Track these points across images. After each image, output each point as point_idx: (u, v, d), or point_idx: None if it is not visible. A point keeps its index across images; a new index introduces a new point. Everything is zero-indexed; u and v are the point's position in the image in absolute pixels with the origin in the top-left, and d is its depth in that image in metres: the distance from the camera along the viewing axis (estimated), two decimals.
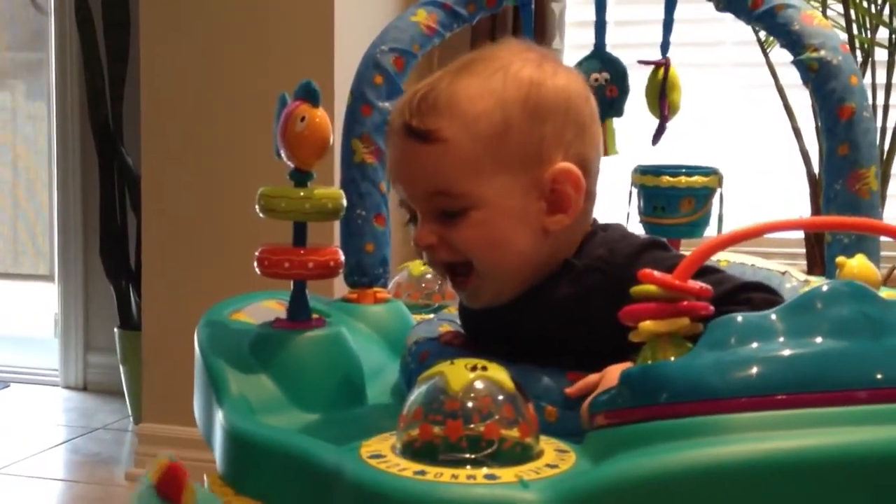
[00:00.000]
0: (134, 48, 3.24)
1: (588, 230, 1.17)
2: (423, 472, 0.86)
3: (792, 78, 1.53)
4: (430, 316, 1.39)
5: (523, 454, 0.89)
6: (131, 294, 3.47)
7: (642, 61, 1.65)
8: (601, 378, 1.02)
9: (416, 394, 0.91)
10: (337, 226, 1.53)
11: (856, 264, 1.13)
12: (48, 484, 2.89)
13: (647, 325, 0.90)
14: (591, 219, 1.19)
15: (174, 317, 2.81)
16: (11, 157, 4.17)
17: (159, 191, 2.91)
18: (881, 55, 2.69)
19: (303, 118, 1.18)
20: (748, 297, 1.05)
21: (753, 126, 3.16)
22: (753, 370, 0.84)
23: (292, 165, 1.21)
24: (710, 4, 1.54)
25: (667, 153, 1.69)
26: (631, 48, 1.95)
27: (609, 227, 1.19)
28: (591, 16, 1.67)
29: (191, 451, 1.68)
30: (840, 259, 1.15)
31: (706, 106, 3.09)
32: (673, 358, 0.89)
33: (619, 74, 1.64)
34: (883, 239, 1.19)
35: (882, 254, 1.47)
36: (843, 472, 0.81)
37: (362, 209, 1.51)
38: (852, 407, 0.83)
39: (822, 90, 1.46)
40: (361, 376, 1.21)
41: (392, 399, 1.21)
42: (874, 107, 2.53)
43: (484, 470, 0.86)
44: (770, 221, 0.95)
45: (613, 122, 1.65)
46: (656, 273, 0.91)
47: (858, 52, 2.64)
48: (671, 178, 1.60)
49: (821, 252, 1.53)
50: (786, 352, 0.86)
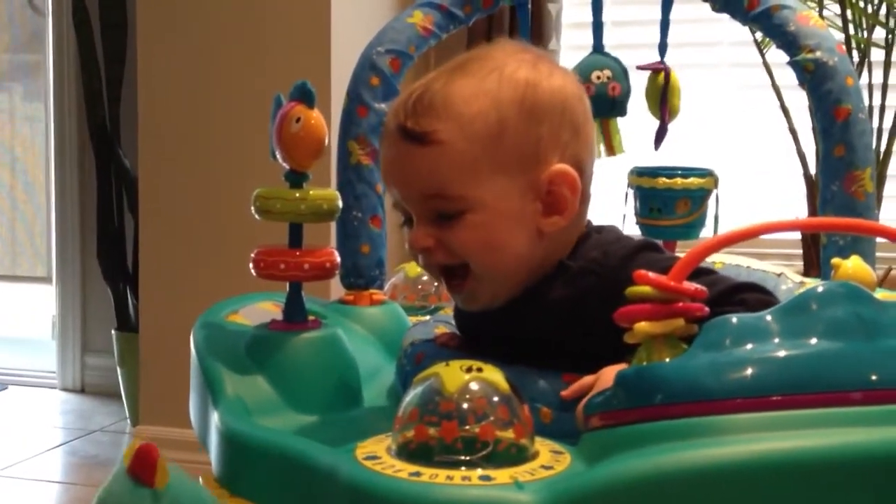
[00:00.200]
0: (131, 49, 3.24)
1: (583, 232, 1.17)
2: (419, 474, 0.86)
3: (788, 79, 1.53)
4: (426, 318, 1.39)
5: (518, 455, 0.88)
6: (129, 296, 3.46)
7: (641, 67, 1.65)
8: (596, 380, 1.02)
9: (412, 395, 0.91)
10: (333, 227, 1.53)
11: (851, 265, 1.13)
12: (46, 486, 2.89)
13: (642, 326, 0.90)
14: (586, 220, 1.19)
15: (171, 318, 2.81)
16: (9, 158, 4.17)
17: (156, 192, 2.91)
18: (878, 55, 2.69)
19: (298, 119, 1.18)
20: (742, 298, 1.05)
21: (750, 127, 3.16)
22: (748, 371, 0.84)
23: (288, 167, 1.21)
24: (707, 5, 1.54)
25: (663, 154, 1.69)
26: (628, 49, 1.95)
27: (603, 229, 1.19)
28: (587, 17, 1.67)
29: (188, 454, 1.68)
30: (835, 260, 1.15)
31: (703, 106, 3.09)
32: (668, 359, 0.89)
33: (621, 73, 1.64)
34: (879, 240, 1.19)
35: (878, 255, 1.47)
36: (838, 473, 0.81)
37: (358, 211, 1.51)
38: (847, 408, 0.83)
39: (818, 91, 1.46)
40: (357, 378, 1.21)
41: (388, 401, 1.21)
42: (870, 107, 2.53)
43: (479, 471, 0.86)
44: (765, 223, 0.95)
45: (617, 121, 1.66)
46: (651, 274, 0.91)
47: (855, 53, 2.64)
48: (667, 180, 1.60)
49: (817, 253, 1.53)
50: (781, 353, 0.86)
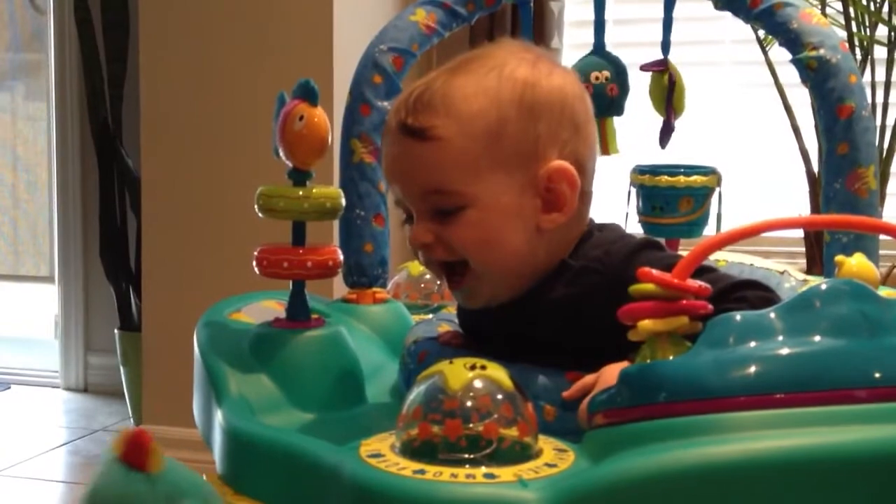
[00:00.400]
0: (133, 48, 3.24)
1: (584, 230, 1.17)
2: (423, 472, 0.86)
3: (791, 76, 1.53)
4: (429, 316, 1.39)
5: (522, 453, 0.89)
6: (131, 295, 3.46)
7: (644, 67, 1.64)
8: (597, 379, 1.02)
9: (416, 393, 0.91)
10: (336, 226, 1.53)
11: (855, 263, 1.12)
12: (49, 486, 2.89)
13: (645, 324, 0.90)
14: (588, 219, 1.19)
15: (174, 318, 2.81)
16: (11, 158, 4.17)
17: (159, 192, 2.91)
18: (880, 53, 2.69)
19: (301, 117, 1.18)
20: (744, 295, 1.05)
21: (753, 124, 3.16)
22: (752, 369, 0.84)
23: (291, 165, 1.21)
24: (709, 3, 1.54)
25: (666, 152, 1.69)
26: (630, 47, 1.95)
27: (605, 228, 1.19)
28: (589, 15, 1.67)
29: (192, 453, 1.68)
30: (839, 258, 1.14)
31: (705, 104, 3.09)
32: (672, 357, 0.89)
33: (620, 73, 1.64)
34: (883, 237, 1.19)
35: (882, 252, 1.47)
36: (842, 471, 0.81)
37: (361, 209, 1.51)
38: (851, 406, 0.83)
39: (820, 89, 1.45)
40: (360, 376, 1.21)
41: (391, 399, 1.21)
42: (873, 105, 2.53)
43: (483, 469, 0.86)
44: (768, 220, 0.95)
45: (614, 121, 1.66)
46: (655, 272, 0.91)
47: (858, 50, 2.64)
48: (670, 178, 1.60)
49: (820, 251, 1.53)
50: (784, 350, 0.86)
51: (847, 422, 0.82)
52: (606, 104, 1.62)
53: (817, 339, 0.87)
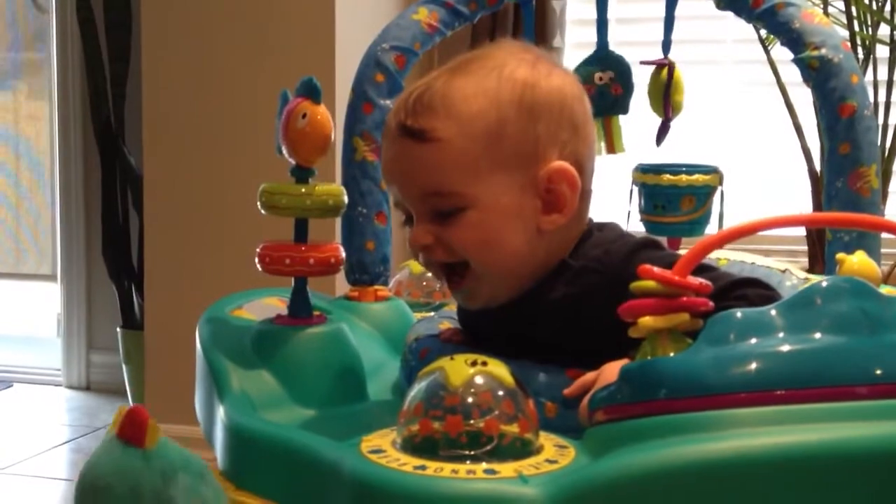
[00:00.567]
0: (135, 47, 3.24)
1: (584, 230, 1.17)
2: (424, 467, 0.86)
3: (793, 75, 1.53)
4: (431, 314, 1.40)
5: (523, 449, 0.89)
6: (134, 293, 3.47)
7: (645, 62, 1.65)
8: (598, 376, 1.02)
9: (417, 389, 0.91)
10: (338, 224, 1.53)
11: (856, 261, 1.13)
12: (51, 483, 2.90)
13: (646, 320, 0.90)
14: (588, 219, 1.19)
15: (176, 316, 2.82)
16: (14, 157, 4.17)
17: (161, 190, 2.92)
18: (882, 52, 2.69)
19: (304, 115, 1.18)
20: (744, 294, 1.05)
21: (755, 123, 3.16)
22: (752, 366, 0.85)
23: (293, 162, 1.22)
24: (711, 2, 1.54)
25: (668, 151, 1.69)
26: (632, 46, 1.95)
27: (605, 227, 1.19)
28: (591, 14, 1.67)
29: (194, 450, 1.68)
30: (840, 255, 1.15)
31: (707, 103, 3.09)
32: (672, 353, 0.89)
33: (623, 72, 1.64)
34: (885, 235, 1.19)
35: (884, 250, 1.47)
36: (843, 467, 0.81)
37: (363, 207, 1.51)
38: (851, 403, 0.83)
39: (822, 89, 1.46)
40: (362, 373, 1.21)
41: (393, 396, 1.21)
42: (875, 104, 2.53)
43: (483, 465, 0.86)
44: (769, 218, 0.95)
45: (619, 119, 1.66)
46: (656, 269, 0.91)
47: (860, 49, 2.64)
48: (672, 177, 1.60)
49: (822, 249, 1.53)
50: (785, 347, 0.86)
51: (847, 419, 0.82)
52: (611, 103, 1.62)
53: (818, 336, 0.87)
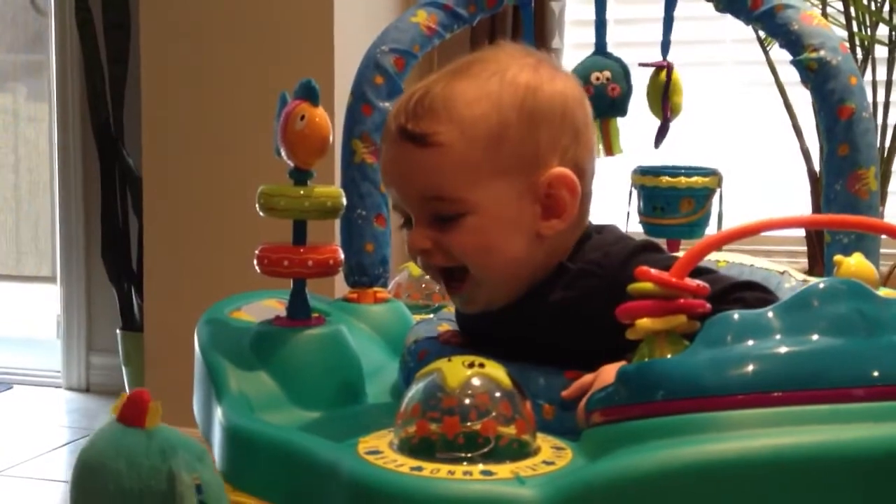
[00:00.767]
0: (134, 49, 3.25)
1: (582, 233, 1.17)
2: (420, 469, 0.86)
3: (792, 76, 1.53)
4: (430, 315, 1.40)
5: (520, 451, 0.89)
6: (133, 295, 3.47)
7: (643, 64, 1.65)
8: (595, 378, 1.02)
9: (414, 390, 0.91)
10: (337, 226, 1.53)
11: (853, 262, 1.13)
12: (51, 486, 2.90)
13: (644, 322, 0.90)
14: (587, 222, 1.18)
15: (176, 318, 2.82)
16: (13, 159, 4.18)
17: (160, 192, 2.92)
18: (881, 52, 2.69)
19: (302, 117, 1.18)
20: (742, 296, 1.05)
21: (754, 124, 3.16)
22: (749, 367, 0.85)
23: (292, 164, 1.22)
24: (710, 3, 1.54)
25: (667, 153, 1.69)
26: (631, 47, 1.95)
27: (604, 230, 1.19)
28: (590, 14, 1.67)
29: None
30: (838, 257, 1.15)
31: (706, 104, 3.09)
32: (669, 355, 0.89)
33: (621, 73, 1.64)
34: (884, 238, 1.19)
35: (882, 251, 1.47)
36: (840, 469, 0.81)
37: (362, 209, 1.51)
38: (849, 404, 0.83)
39: (821, 90, 1.46)
40: (361, 375, 1.21)
41: (391, 398, 1.21)
42: (874, 104, 2.53)
43: (480, 466, 0.86)
44: (767, 219, 0.95)
45: (617, 121, 1.66)
46: (653, 270, 0.91)
47: (859, 50, 2.64)
48: (671, 179, 1.60)
49: (822, 251, 1.53)
50: (782, 349, 0.86)
51: (844, 420, 0.82)
52: (608, 104, 1.62)
53: (815, 337, 0.87)
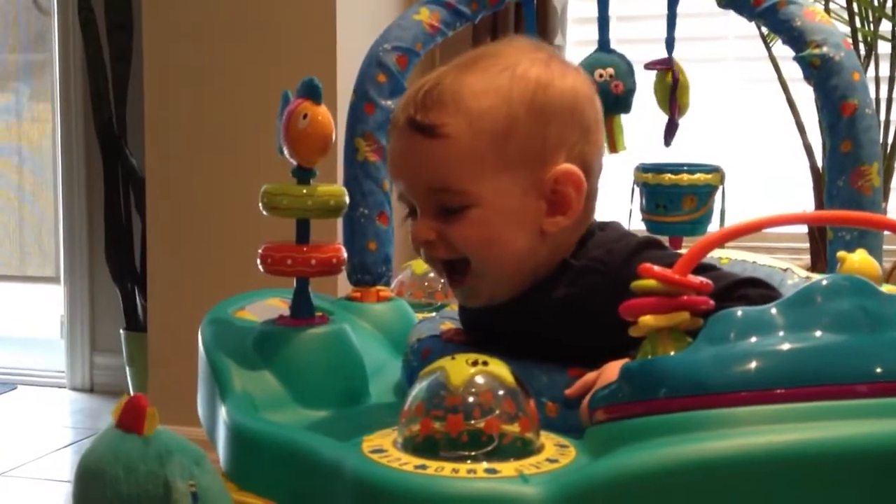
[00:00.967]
0: (137, 49, 3.25)
1: (586, 230, 1.17)
2: (424, 467, 0.86)
3: (795, 72, 1.53)
4: (433, 314, 1.40)
5: (524, 449, 0.89)
6: (137, 295, 3.47)
7: (649, 66, 1.64)
8: (598, 375, 1.02)
9: (418, 389, 0.91)
10: (340, 224, 1.53)
11: (856, 259, 1.13)
12: (55, 486, 2.90)
13: (646, 319, 0.90)
14: (591, 219, 1.18)
15: (180, 318, 2.82)
16: (16, 159, 4.18)
17: (163, 191, 2.92)
18: (884, 48, 2.68)
19: (305, 116, 1.18)
20: (745, 293, 1.05)
21: (756, 121, 3.15)
22: (753, 364, 0.85)
23: (295, 163, 1.22)
24: (713, 0, 1.54)
25: (669, 150, 1.69)
26: (634, 44, 1.95)
27: (607, 227, 1.19)
28: (593, 12, 1.67)
29: None
30: (841, 254, 1.15)
31: (709, 100, 3.08)
32: (673, 352, 0.89)
33: (625, 70, 1.64)
34: (887, 234, 1.19)
35: (886, 248, 1.47)
36: (843, 466, 0.81)
37: (365, 208, 1.51)
38: (852, 401, 0.83)
39: (823, 87, 1.46)
40: (364, 373, 1.21)
41: (394, 396, 1.21)
42: (877, 100, 2.53)
43: (484, 464, 0.86)
44: (769, 216, 0.95)
45: (621, 118, 1.66)
46: (656, 267, 0.91)
47: (861, 46, 2.64)
48: (673, 176, 1.60)
49: (825, 248, 1.53)
50: (785, 346, 0.86)
51: (848, 417, 0.82)
52: (611, 101, 1.62)
53: (818, 334, 0.87)
